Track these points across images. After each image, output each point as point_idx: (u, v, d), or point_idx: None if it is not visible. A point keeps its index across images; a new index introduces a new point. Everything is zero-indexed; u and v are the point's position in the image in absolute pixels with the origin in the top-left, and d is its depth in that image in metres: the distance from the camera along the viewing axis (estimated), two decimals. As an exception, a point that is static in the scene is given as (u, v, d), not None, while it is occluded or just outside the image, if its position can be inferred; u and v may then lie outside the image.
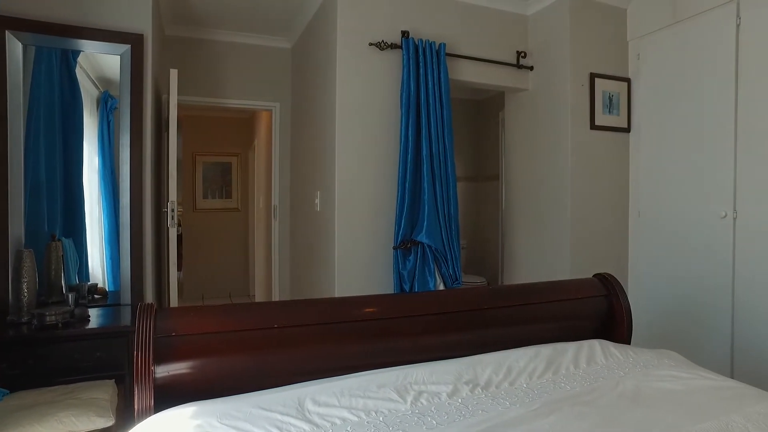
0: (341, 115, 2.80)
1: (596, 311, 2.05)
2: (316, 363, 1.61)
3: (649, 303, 3.07)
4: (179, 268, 2.69)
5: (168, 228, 2.62)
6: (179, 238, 2.71)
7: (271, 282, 4.23)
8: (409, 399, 1.42)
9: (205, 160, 6.14)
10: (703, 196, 2.77)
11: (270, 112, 4.05)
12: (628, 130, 3.20)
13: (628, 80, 3.20)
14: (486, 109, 5.11)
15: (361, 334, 1.66)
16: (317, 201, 3.14)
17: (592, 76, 3.06)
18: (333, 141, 2.83)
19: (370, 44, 2.83)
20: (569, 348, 1.79)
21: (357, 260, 2.82)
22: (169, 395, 1.39)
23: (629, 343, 2.05)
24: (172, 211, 2.60)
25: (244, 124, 6.15)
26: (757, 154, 2.51)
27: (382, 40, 2.84)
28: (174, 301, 2.60)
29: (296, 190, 3.87)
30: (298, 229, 3.82)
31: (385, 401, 1.41)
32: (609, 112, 3.12)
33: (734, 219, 2.61)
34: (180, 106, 2.71)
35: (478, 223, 5.14)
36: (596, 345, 1.84)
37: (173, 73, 2.59)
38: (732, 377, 2.56)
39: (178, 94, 2.65)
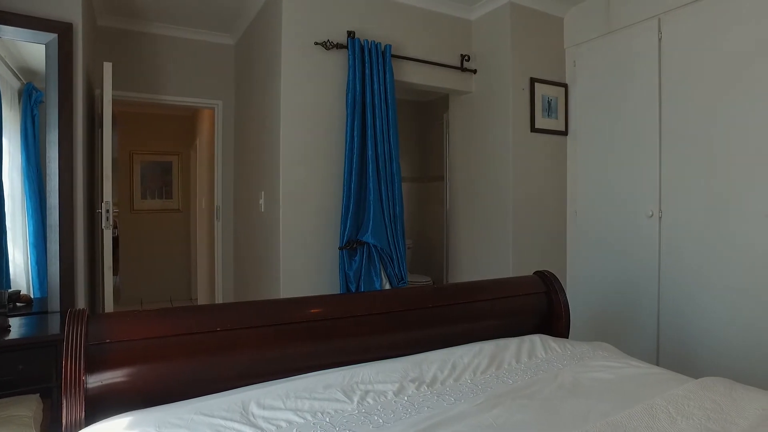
0: (286, 115, 2.76)
1: (537, 307, 2.13)
2: (260, 366, 1.58)
3: (586, 298, 3.23)
4: (115, 273, 2.56)
5: (102, 230, 2.49)
6: (115, 240, 2.58)
7: (215, 285, 4.10)
8: (356, 399, 1.42)
9: (143, 158, 5.88)
10: (632, 196, 2.94)
11: (212, 110, 3.93)
12: (565, 133, 3.35)
13: (565, 86, 3.34)
14: (431, 111, 5.19)
15: (307, 335, 1.64)
16: (261, 201, 3.08)
17: (532, 81, 3.18)
18: (277, 140, 2.78)
19: (316, 43, 2.81)
20: (511, 343, 1.85)
21: (302, 261, 2.79)
22: (102, 406, 1.31)
23: (567, 337, 2.14)
24: (107, 212, 2.47)
25: (186, 122, 5.94)
26: (678, 157, 2.69)
27: (328, 40, 2.83)
28: (109, 308, 2.47)
29: (240, 190, 3.78)
30: (242, 231, 3.73)
31: (331, 402, 1.40)
32: (548, 115, 3.26)
33: (660, 218, 2.79)
34: (115, 102, 2.58)
35: (423, 223, 5.22)
36: (537, 340, 1.91)
37: (107, 67, 2.46)
38: (658, 364, 2.74)
39: (114, 89, 2.52)
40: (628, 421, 1.28)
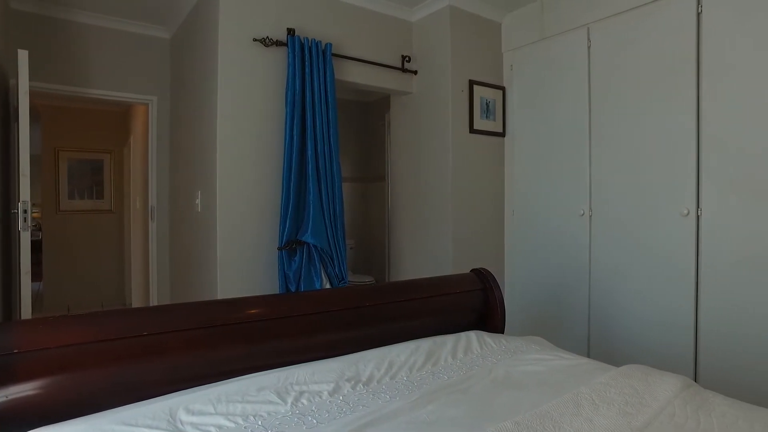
0: (223, 112, 2.68)
1: (474, 304, 2.17)
2: (192, 370, 1.52)
3: (524, 294, 3.34)
4: (39, 278, 2.39)
5: (19, 232, 2.32)
6: (38, 243, 2.41)
7: (150, 288, 3.92)
8: (290, 400, 1.40)
9: (71, 156, 5.53)
10: (565, 196, 3.07)
11: (146, 106, 3.76)
12: (503, 134, 3.45)
13: (503, 88, 3.45)
14: (373, 111, 5.21)
15: (241, 336, 1.60)
16: (198, 201, 2.98)
17: (471, 83, 3.26)
18: (214, 139, 2.70)
19: (254, 40, 2.75)
20: (448, 340, 1.88)
21: (241, 262, 2.72)
22: (10, 424, 1.22)
23: (503, 332, 2.20)
24: (25, 212, 2.30)
25: (119, 118, 5.65)
26: (606, 159, 2.84)
27: (267, 37, 2.77)
28: (27, 315, 2.30)
29: (176, 189, 3.64)
30: (178, 231, 3.59)
31: (264, 404, 1.37)
32: (486, 117, 3.34)
33: (590, 217, 2.93)
34: (37, 94, 2.41)
35: (366, 223, 5.22)
36: (473, 336, 1.95)
37: (22, 54, 2.29)
38: (589, 355, 2.87)
39: (33, 80, 2.36)
40: (556, 409, 1.34)
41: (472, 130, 3.26)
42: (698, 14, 2.43)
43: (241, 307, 1.66)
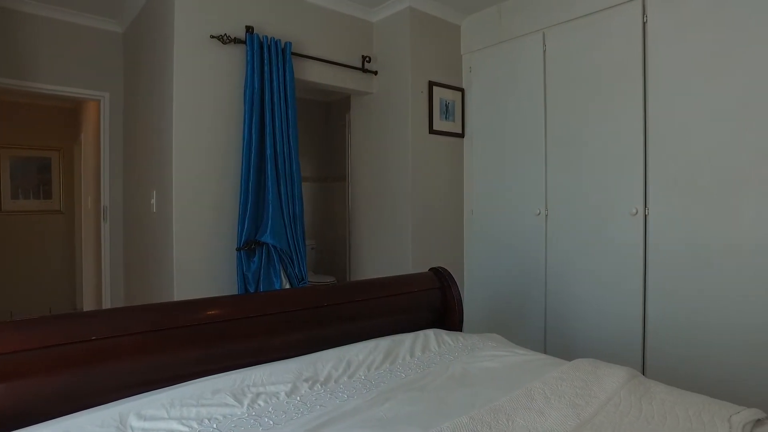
0: (179, 110, 2.62)
1: (432, 302, 2.20)
2: (145, 375, 1.48)
3: (483, 292, 3.41)
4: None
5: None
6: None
7: (102, 291, 3.78)
8: (246, 402, 1.38)
9: (13, 154, 5.26)
10: (522, 195, 3.15)
11: (98, 102, 3.63)
12: (462, 135, 3.51)
13: (462, 90, 3.50)
14: (334, 111, 5.20)
15: (196, 339, 1.57)
16: (153, 201, 2.90)
17: (431, 84, 3.30)
18: (170, 137, 2.63)
19: (212, 36, 2.69)
20: (406, 339, 1.90)
21: (198, 263, 2.66)
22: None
23: (461, 330, 2.24)
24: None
25: (68, 114, 5.42)
26: (560, 160, 2.93)
27: (225, 34, 2.72)
28: (-34, 320, 2.18)
29: (130, 189, 3.52)
30: (132, 232, 3.48)
31: (220, 407, 1.35)
32: (446, 118, 3.39)
33: (546, 216, 3.01)
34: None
35: (327, 223, 5.21)
36: (431, 334, 1.98)
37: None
38: (545, 350, 2.96)
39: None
40: (509, 404, 1.37)
41: (431, 131, 3.30)
42: (644, 23, 2.55)
43: (197, 309, 1.62)
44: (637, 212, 2.57)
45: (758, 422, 1.28)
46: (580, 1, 2.81)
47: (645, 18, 2.54)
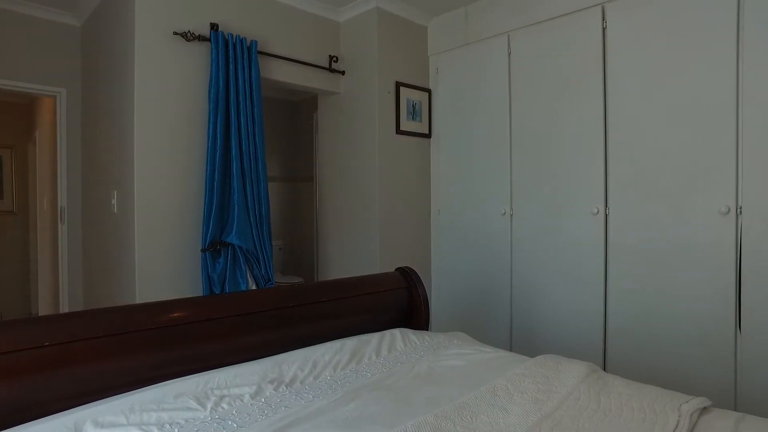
0: (141, 109, 2.55)
1: (399, 302, 2.22)
2: (103, 381, 1.43)
3: (450, 291, 3.44)
4: None
5: None
6: None
7: (59, 295, 3.64)
8: (209, 405, 1.36)
9: (-38, 152, 5.02)
10: (488, 195, 3.20)
11: (54, 98, 3.49)
12: (429, 135, 3.54)
13: (429, 91, 3.53)
14: (302, 110, 5.16)
15: (159, 342, 1.53)
16: (114, 201, 2.81)
17: (398, 85, 3.31)
18: (131, 136, 2.56)
19: (175, 33, 2.63)
20: (372, 338, 1.90)
21: (161, 265, 2.60)
22: None
23: (428, 328, 2.26)
24: None
25: (22, 110, 5.19)
26: (525, 160, 2.99)
27: (189, 31, 2.67)
28: None
29: (89, 189, 3.41)
30: (92, 234, 3.37)
31: (182, 411, 1.32)
32: (412, 118, 3.41)
33: (511, 216, 3.07)
34: None
35: (294, 223, 5.17)
36: (397, 333, 1.99)
37: None
38: (511, 347, 3.02)
39: None
40: (473, 401, 1.40)
41: (398, 131, 3.32)
42: (603, 29, 2.63)
43: (159, 311, 1.59)
44: (598, 212, 2.65)
45: (704, 410, 1.35)
46: (544, 5, 2.88)
47: (605, 24, 2.62)
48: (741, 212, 2.18)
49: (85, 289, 3.53)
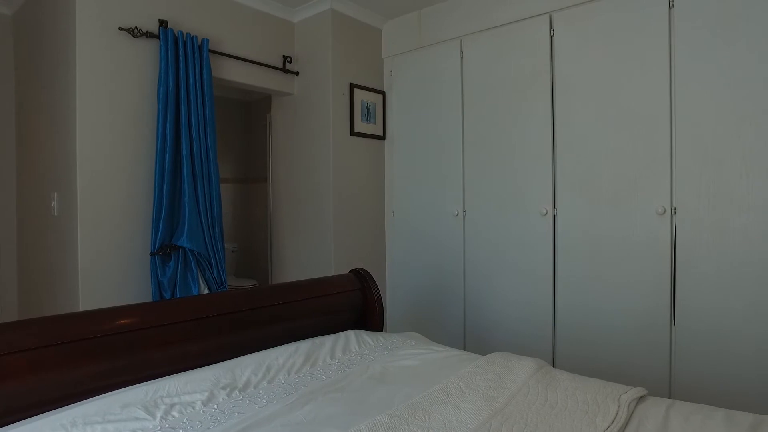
0: (83, 107, 2.44)
1: (353, 303, 2.22)
2: (40, 396, 1.36)
3: (405, 292, 3.48)
4: None
5: None
6: None
7: (-8, 303, 3.43)
8: (159, 414, 1.32)
9: None
10: (441, 197, 3.25)
11: (-15, 94, 3.28)
12: (383, 137, 3.57)
13: (383, 93, 3.56)
14: (255, 111, 5.09)
15: (104, 351, 1.48)
16: (54, 204, 2.68)
17: (352, 87, 3.32)
18: (73, 135, 2.44)
19: (121, 29, 2.54)
20: (327, 340, 1.90)
21: (107, 270, 2.50)
22: None
23: (382, 329, 2.28)
24: None
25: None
26: (477, 163, 3.07)
27: (136, 27, 2.58)
28: None
29: (25, 191, 3.22)
30: (29, 237, 3.19)
31: (129, 422, 1.28)
32: (367, 120, 3.43)
33: (464, 217, 3.14)
34: None
35: (248, 225, 5.08)
36: (351, 335, 1.99)
37: None
38: (465, 346, 3.08)
39: None
40: (426, 400, 1.42)
41: (353, 133, 3.33)
42: (551, 36, 2.73)
43: (103, 319, 1.53)
44: (546, 212, 2.75)
45: (641, 399, 1.43)
46: (495, 12, 2.96)
47: (552, 32, 2.72)
48: (675, 212, 2.33)
49: (20, 297, 3.34)
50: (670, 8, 2.33)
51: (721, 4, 2.19)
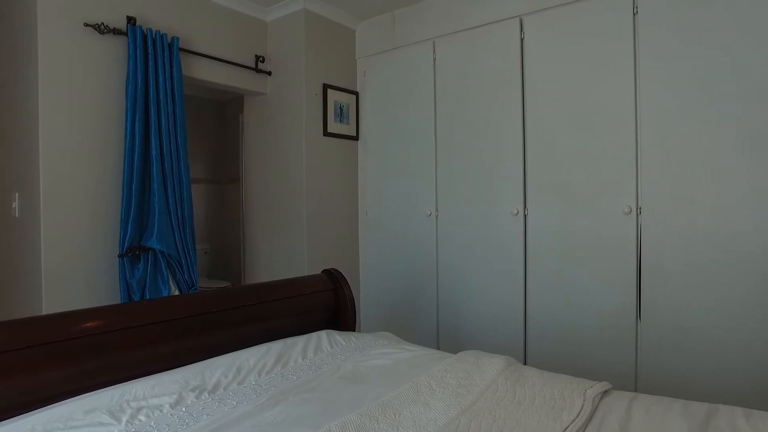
0: (47, 105, 2.37)
1: (326, 304, 2.22)
2: (4, 402, 1.32)
3: (379, 292, 3.49)
4: None
5: None
6: None
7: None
8: (125, 418, 1.30)
9: None
10: (414, 197, 3.28)
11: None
12: (356, 138, 3.57)
13: (356, 93, 3.56)
14: (228, 111, 5.03)
15: (70, 355, 1.44)
16: (15, 205, 2.60)
17: (325, 87, 3.31)
18: (36, 135, 2.38)
19: (87, 25, 2.48)
20: (299, 341, 1.90)
21: (73, 273, 2.44)
22: None
23: (355, 329, 2.28)
24: None
25: None
26: (450, 163, 3.10)
27: (102, 23, 2.52)
28: None
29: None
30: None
31: (93, 427, 1.25)
32: (340, 121, 3.43)
33: (436, 217, 3.17)
34: None
35: (221, 226, 5.02)
36: (323, 335, 1.99)
37: None
38: (438, 345, 3.11)
39: None
40: (397, 398, 1.43)
41: (326, 133, 3.32)
42: (522, 39, 2.78)
43: (68, 322, 1.49)
44: (518, 212, 2.79)
45: (606, 393, 1.47)
46: (467, 14, 3.00)
47: (522, 35, 2.77)
48: (641, 212, 2.39)
49: (-16, 300, 3.23)
50: (634, 14, 2.39)
51: (683, 11, 2.26)
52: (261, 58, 3.31)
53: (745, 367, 2.13)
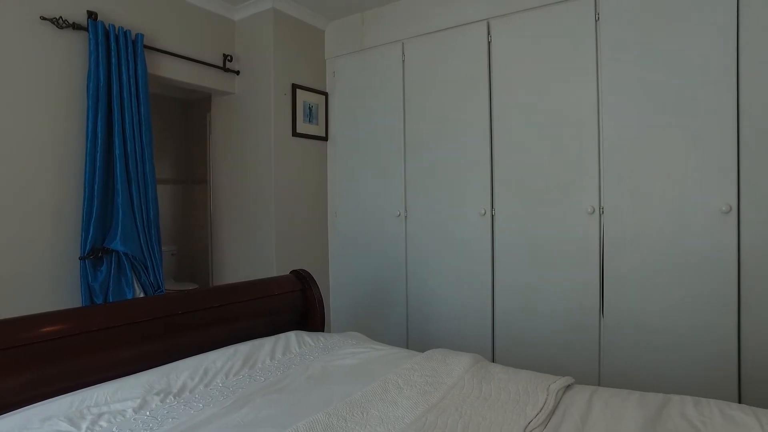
0: (2, 101, 2.29)
1: (295, 304, 2.21)
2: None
3: (348, 292, 3.49)
4: None
5: None
6: None
7: None
8: (85, 425, 1.26)
9: None
10: (384, 198, 3.29)
11: None
12: (326, 138, 3.56)
13: (326, 94, 3.56)
14: (195, 110, 4.94)
15: (27, 361, 1.40)
16: (-30, 205, 2.49)
17: (294, 87, 3.30)
18: (-8, 132, 2.29)
19: (43, 18, 2.40)
20: (266, 342, 1.88)
21: (30, 276, 2.35)
22: None
23: (323, 330, 2.28)
24: None
25: None
26: (419, 164, 3.12)
27: (60, 17, 2.44)
28: None
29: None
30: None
31: (51, 434, 1.22)
32: (309, 121, 3.42)
33: (405, 217, 3.19)
34: None
35: (188, 227, 4.93)
36: (292, 336, 1.98)
37: None
38: (408, 345, 3.13)
39: None
40: (364, 397, 1.44)
41: (294, 134, 3.30)
42: (489, 42, 2.83)
43: (24, 326, 1.45)
44: (485, 213, 2.84)
45: (569, 387, 1.51)
46: (435, 16, 3.03)
47: (490, 38, 2.82)
48: (603, 212, 2.47)
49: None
50: (596, 21, 2.47)
51: (642, 19, 2.35)
52: (229, 57, 3.27)
53: (699, 361, 2.22)
